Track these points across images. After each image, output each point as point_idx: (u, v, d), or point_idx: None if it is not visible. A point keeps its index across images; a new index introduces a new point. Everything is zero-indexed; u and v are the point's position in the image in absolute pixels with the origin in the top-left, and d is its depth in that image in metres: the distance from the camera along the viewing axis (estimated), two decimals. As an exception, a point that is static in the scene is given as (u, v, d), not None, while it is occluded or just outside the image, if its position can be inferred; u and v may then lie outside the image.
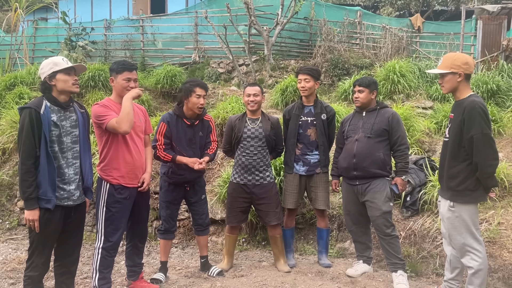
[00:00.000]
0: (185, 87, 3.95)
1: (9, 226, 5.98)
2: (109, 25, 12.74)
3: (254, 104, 4.16)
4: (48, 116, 2.98)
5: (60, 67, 3.07)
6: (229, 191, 4.34)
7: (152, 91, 9.28)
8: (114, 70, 3.53)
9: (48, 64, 3.10)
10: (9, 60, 12.06)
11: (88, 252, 5.10)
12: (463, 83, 3.22)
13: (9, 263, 4.71)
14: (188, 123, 3.97)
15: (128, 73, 3.51)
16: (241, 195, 4.22)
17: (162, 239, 4.12)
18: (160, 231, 4.11)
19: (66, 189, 3.09)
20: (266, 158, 4.25)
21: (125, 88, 3.50)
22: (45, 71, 3.07)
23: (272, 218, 4.21)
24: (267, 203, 4.20)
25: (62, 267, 3.27)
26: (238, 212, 4.26)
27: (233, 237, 4.40)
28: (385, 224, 3.91)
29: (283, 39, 11.66)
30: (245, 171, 4.19)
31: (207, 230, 4.27)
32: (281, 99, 8.07)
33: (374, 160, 3.94)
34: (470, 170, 3.15)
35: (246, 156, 4.17)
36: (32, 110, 2.95)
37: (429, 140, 6.51)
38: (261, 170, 4.20)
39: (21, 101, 8.21)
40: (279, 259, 4.33)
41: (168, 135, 3.91)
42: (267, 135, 4.20)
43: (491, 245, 4.18)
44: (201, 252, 4.32)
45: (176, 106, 4.06)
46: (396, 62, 8.56)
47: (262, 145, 4.20)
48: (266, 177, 4.22)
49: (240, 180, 4.21)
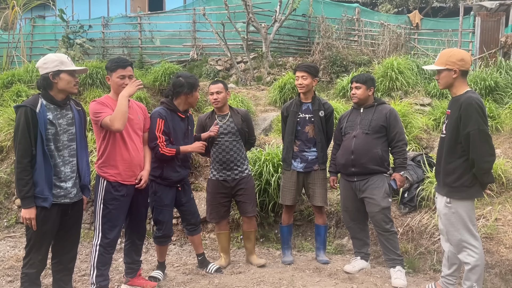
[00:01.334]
0: (190, 82, 3.94)
1: (7, 224, 5.98)
2: (106, 23, 12.73)
3: (218, 102, 4.19)
4: (44, 115, 2.97)
5: (66, 67, 3.07)
6: (209, 189, 4.33)
7: (150, 88, 9.28)
8: (108, 68, 3.54)
9: (53, 60, 3.07)
10: (6, 58, 12.04)
11: (86, 250, 5.10)
12: (459, 79, 3.22)
13: (7, 260, 4.71)
14: (182, 116, 3.96)
15: (121, 70, 3.49)
16: (221, 191, 4.23)
17: (160, 246, 4.03)
18: (158, 237, 3.96)
19: (63, 187, 3.09)
20: (242, 151, 4.28)
21: (120, 85, 3.48)
22: (50, 67, 3.04)
23: (250, 209, 4.28)
24: (246, 194, 4.25)
25: (60, 264, 3.27)
26: (220, 208, 4.27)
27: (224, 233, 4.40)
28: (384, 220, 3.91)
29: (281, 36, 11.66)
30: (223, 167, 4.20)
31: (199, 228, 4.26)
32: (279, 96, 8.08)
33: (372, 156, 3.95)
34: (467, 166, 3.15)
35: (223, 152, 4.18)
36: (28, 108, 2.93)
37: (427, 137, 6.52)
38: (239, 164, 4.23)
39: (18, 99, 8.20)
40: (252, 253, 4.41)
41: (166, 131, 3.86)
42: (239, 128, 4.22)
43: (488, 241, 4.19)
44: (197, 250, 4.31)
45: (167, 100, 3.96)
46: (394, 59, 8.57)
47: (237, 139, 4.22)
48: (245, 170, 4.27)
49: (219, 176, 4.22)
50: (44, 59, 3.11)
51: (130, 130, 3.54)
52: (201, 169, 6.07)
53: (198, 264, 4.35)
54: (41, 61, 3.10)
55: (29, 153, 2.93)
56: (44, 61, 3.09)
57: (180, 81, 3.93)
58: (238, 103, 7.30)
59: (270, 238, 5.23)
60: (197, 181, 5.87)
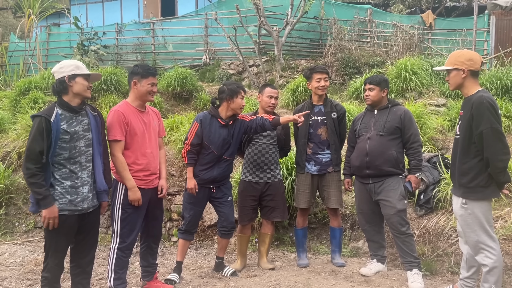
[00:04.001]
0: (231, 88, 4.00)
1: (26, 228, 6.09)
2: (120, 29, 12.89)
3: (274, 107, 4.32)
4: (58, 124, 3.02)
5: (81, 71, 3.15)
6: (240, 189, 4.36)
7: (164, 93, 9.36)
8: (139, 74, 3.56)
9: (70, 65, 3.16)
10: (23, 66, 12.27)
11: (103, 254, 5.16)
12: (469, 79, 3.21)
13: (26, 265, 4.79)
14: (223, 123, 4.00)
15: (153, 78, 3.59)
16: (251, 193, 4.26)
17: (182, 239, 4.13)
18: (181, 230, 4.12)
19: (80, 192, 3.13)
20: (276, 156, 4.32)
21: (148, 92, 3.57)
22: (66, 71, 3.12)
23: (277, 215, 4.31)
24: (275, 200, 4.27)
25: (78, 267, 3.31)
26: (249, 211, 4.30)
27: (245, 237, 4.42)
28: (400, 222, 3.88)
29: (293, 39, 11.66)
30: (256, 169, 4.22)
31: (231, 233, 4.26)
32: (291, 99, 8.08)
33: (387, 158, 3.92)
34: (482, 166, 3.12)
35: (258, 154, 4.21)
36: (43, 118, 2.99)
37: (443, 138, 6.45)
38: (272, 168, 4.25)
39: (35, 106, 8.35)
40: (263, 256, 4.42)
41: (199, 134, 3.95)
42: (278, 134, 4.27)
43: (507, 243, 4.13)
44: (220, 253, 4.33)
45: (211, 107, 4.11)
46: (407, 60, 8.50)
47: (274, 143, 4.26)
48: (277, 175, 4.30)
49: (251, 178, 4.25)
50: (60, 64, 3.20)
51: (147, 135, 3.58)
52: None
53: (214, 267, 4.37)
54: (57, 66, 3.19)
55: (38, 161, 2.97)
56: (60, 66, 3.17)
57: (222, 88, 4.08)
58: (251, 106, 7.32)
59: (285, 241, 5.22)
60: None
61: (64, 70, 3.13)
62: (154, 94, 3.66)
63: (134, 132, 3.51)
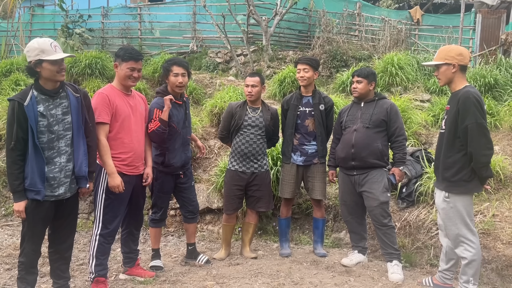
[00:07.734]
0: (163, 66, 3.91)
1: (5, 212, 5.98)
2: (106, 13, 12.64)
3: (252, 95, 4.21)
4: (34, 108, 2.89)
5: (47, 55, 2.90)
6: (226, 179, 4.34)
7: (150, 80, 9.24)
8: (120, 57, 3.47)
9: (34, 49, 2.91)
10: (5, 47, 11.97)
11: (84, 239, 5.10)
12: (458, 74, 3.24)
13: (5, 249, 4.71)
14: (180, 103, 3.92)
15: (133, 63, 3.46)
16: (238, 183, 4.24)
17: (155, 228, 4.09)
18: (155, 220, 4.07)
19: (57, 178, 3.02)
20: (264, 146, 4.32)
21: (127, 76, 3.46)
22: (31, 56, 2.92)
23: (262, 205, 4.32)
24: (261, 190, 4.28)
25: (56, 253, 3.25)
26: (235, 200, 4.29)
27: (230, 226, 4.41)
28: (382, 214, 3.93)
29: (282, 29, 11.61)
30: (243, 159, 4.21)
31: (197, 217, 4.25)
32: (279, 90, 8.05)
33: (372, 150, 3.95)
34: (465, 161, 3.17)
35: (246, 144, 4.20)
36: (16, 102, 2.87)
37: (426, 133, 6.53)
38: (259, 158, 4.25)
39: (17, 88, 8.17)
40: (246, 245, 4.44)
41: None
42: (266, 124, 4.25)
43: (486, 237, 4.22)
44: (189, 239, 4.28)
45: (162, 88, 3.95)
46: (394, 55, 8.55)
47: (261, 134, 4.25)
48: (264, 165, 4.30)
49: (238, 167, 4.24)
50: (27, 46, 2.98)
51: (133, 119, 3.52)
52: (200, 161, 6.07)
53: (186, 254, 4.30)
54: (26, 49, 2.99)
55: (19, 147, 2.89)
56: (27, 49, 2.97)
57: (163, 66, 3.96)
58: (237, 95, 7.27)
59: (268, 231, 5.25)
60: (195, 173, 5.87)
61: (30, 54, 2.92)
62: (135, 79, 3.50)
63: (119, 114, 3.42)
